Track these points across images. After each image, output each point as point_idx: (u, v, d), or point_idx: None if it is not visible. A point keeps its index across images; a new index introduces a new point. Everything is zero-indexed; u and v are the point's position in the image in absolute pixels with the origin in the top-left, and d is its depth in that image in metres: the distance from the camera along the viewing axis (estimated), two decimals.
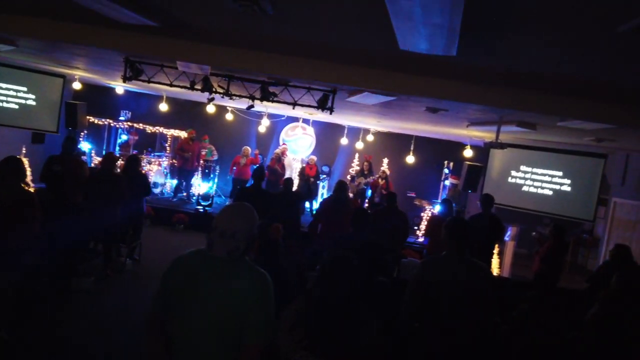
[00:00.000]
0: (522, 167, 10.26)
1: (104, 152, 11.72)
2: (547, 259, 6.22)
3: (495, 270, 8.42)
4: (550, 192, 9.87)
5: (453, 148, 11.79)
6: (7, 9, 5.21)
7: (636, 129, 5.53)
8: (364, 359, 2.07)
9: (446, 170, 11.86)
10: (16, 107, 9.36)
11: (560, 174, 9.76)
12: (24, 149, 9.87)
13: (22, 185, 4.16)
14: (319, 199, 11.35)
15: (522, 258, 10.00)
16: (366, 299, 2.74)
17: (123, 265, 6.75)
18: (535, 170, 10.09)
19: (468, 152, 10.17)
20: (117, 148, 11.86)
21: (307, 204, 11.35)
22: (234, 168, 11.11)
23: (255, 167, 6.23)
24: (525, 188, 10.20)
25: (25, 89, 9.41)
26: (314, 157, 11.67)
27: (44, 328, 4.65)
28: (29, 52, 7.37)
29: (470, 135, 9.73)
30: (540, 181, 10.02)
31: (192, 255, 2.18)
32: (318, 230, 6.05)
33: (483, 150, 10.50)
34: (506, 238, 8.91)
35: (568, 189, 9.66)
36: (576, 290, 5.83)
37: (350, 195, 10.97)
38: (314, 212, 8.31)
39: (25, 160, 9.68)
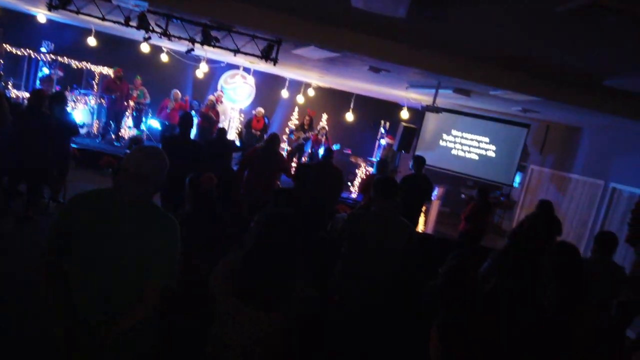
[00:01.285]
0: (454, 132, 10.76)
1: (22, 86, 10.78)
2: (472, 218, 6.67)
3: (420, 227, 8.91)
4: (477, 157, 10.48)
5: (391, 109, 12.05)
6: None
7: (560, 103, 5.94)
8: (295, 310, 2.15)
9: (382, 130, 12.13)
10: None
11: (487, 140, 10.36)
12: None
13: None
14: None
15: (446, 216, 10.64)
16: (301, 253, 2.84)
17: (46, 207, 6.41)
18: (465, 135, 10.62)
19: (405, 114, 10.46)
20: (38, 82, 10.91)
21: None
22: (162, 112, 10.67)
23: (182, 112, 5.96)
24: (454, 151, 10.75)
25: None
26: (262, 110, 11.39)
27: None
28: None
29: (408, 97, 9.97)
30: (469, 146, 10.59)
31: (95, 195, 2.12)
32: (244, 178, 6.00)
33: (419, 113, 10.84)
34: (432, 197, 9.40)
35: (493, 154, 10.29)
36: (496, 249, 6.34)
37: (288, 149, 10.98)
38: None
39: None
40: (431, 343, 1.38)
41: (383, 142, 11.64)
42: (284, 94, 12.15)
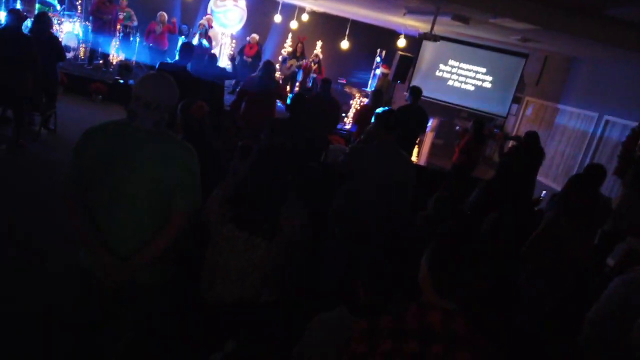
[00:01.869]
0: (450, 62, 10.52)
1: (2, 5, 10.22)
2: (466, 150, 6.71)
3: (414, 158, 8.98)
4: (472, 88, 10.35)
5: (387, 36, 11.68)
6: None
7: (559, 32, 5.78)
8: (290, 241, 2.21)
9: (378, 59, 11.84)
10: None
11: (484, 70, 10.18)
12: None
13: None
14: None
15: (439, 148, 10.68)
16: (296, 184, 2.86)
17: (37, 134, 6.34)
18: (462, 65, 10.41)
19: (401, 42, 10.15)
20: (19, 2, 10.35)
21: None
22: (150, 36, 10.28)
23: (184, 41, 5.73)
24: (450, 82, 10.58)
25: None
26: (256, 36, 10.98)
27: None
28: None
29: (405, 24, 9.64)
30: (465, 76, 10.41)
31: (110, 126, 2.10)
32: (241, 109, 5.94)
33: (416, 42, 10.51)
34: (427, 129, 9.39)
35: (489, 85, 10.16)
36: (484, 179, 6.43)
37: (281, 77, 10.74)
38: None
39: None
40: (420, 273, 1.44)
41: (378, 71, 11.40)
42: (277, 18, 11.68)
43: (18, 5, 9.87)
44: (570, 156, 8.20)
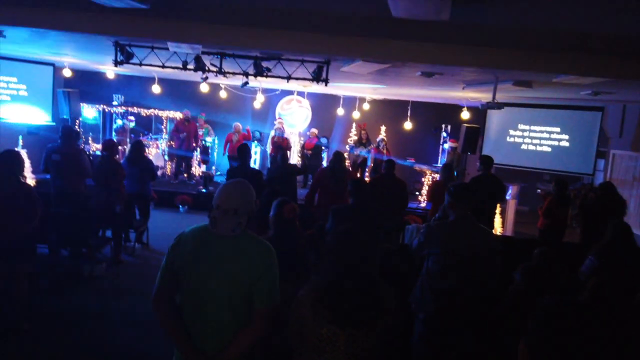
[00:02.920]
0: (520, 126, 10.27)
1: (100, 139, 11.68)
2: (550, 214, 6.31)
3: (498, 229, 8.53)
4: (549, 149, 9.92)
5: (450, 111, 11.75)
6: None
7: (632, 80, 5.51)
8: (387, 327, 2.12)
9: (444, 134, 11.85)
10: (8, 98, 9.28)
11: (558, 129, 9.79)
12: (20, 140, 9.82)
13: (20, 178, 4.15)
14: None
15: (525, 215, 10.11)
16: (378, 268, 2.79)
17: (133, 249, 6.84)
18: (533, 127, 10.11)
19: (465, 114, 10.15)
20: (114, 133, 11.80)
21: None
22: (228, 145, 11.12)
23: (240, 145, 6.24)
24: (524, 146, 10.24)
25: (15, 79, 9.31)
26: (315, 130, 11.59)
27: (59, 316, 4.76)
28: (16, 41, 7.26)
29: (466, 97, 9.69)
30: (539, 138, 10.05)
31: (196, 231, 2.27)
32: (315, 201, 6.12)
33: (480, 112, 10.47)
34: (507, 197, 9.00)
35: (566, 144, 9.69)
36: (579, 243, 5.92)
37: (350, 165, 11.02)
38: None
39: (23, 152, 9.66)
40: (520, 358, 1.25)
41: (447, 146, 11.35)
42: (340, 111, 12.25)
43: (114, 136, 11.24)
44: None
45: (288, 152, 10.15)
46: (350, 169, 10.72)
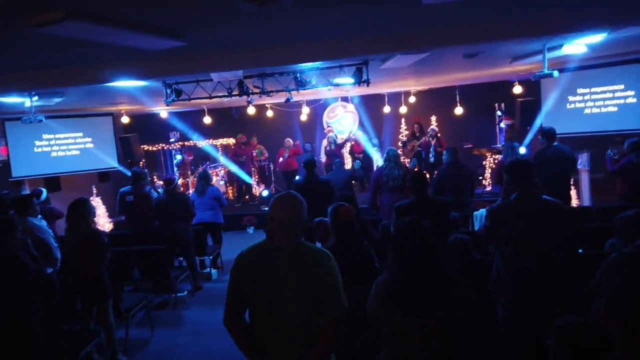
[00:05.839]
0: (580, 90, 9.68)
1: (163, 176, 12.29)
2: (627, 175, 5.91)
3: (574, 201, 8.07)
4: (615, 108, 9.28)
5: (501, 88, 11.31)
6: (51, 63, 5.55)
7: None
8: (461, 318, 2.09)
9: (499, 113, 11.44)
10: (77, 152, 10.01)
11: (622, 86, 9.14)
12: (94, 188, 10.54)
13: (90, 224, 4.46)
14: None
15: (602, 183, 9.48)
16: (447, 258, 2.73)
17: (209, 275, 7.12)
18: (593, 89, 9.50)
19: (518, 89, 9.74)
20: (175, 169, 12.38)
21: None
22: (280, 161, 11.33)
23: (305, 157, 6.34)
24: (587, 110, 9.64)
25: (81, 134, 10.03)
26: (359, 133, 11.60)
27: (150, 347, 5.02)
28: (75, 99, 7.83)
29: (515, 71, 9.30)
30: (602, 99, 9.43)
31: (256, 248, 2.33)
32: (378, 202, 6.13)
33: (533, 83, 10.00)
34: (579, 166, 8.50)
35: (634, 100, 9.03)
36: None
37: (407, 160, 10.87)
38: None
39: (98, 200, 10.35)
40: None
41: (502, 124, 10.93)
42: (386, 109, 12.14)
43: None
44: None
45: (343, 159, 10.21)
46: (408, 164, 10.59)
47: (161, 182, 10.70)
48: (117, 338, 4.64)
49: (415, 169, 10.68)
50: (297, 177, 10.79)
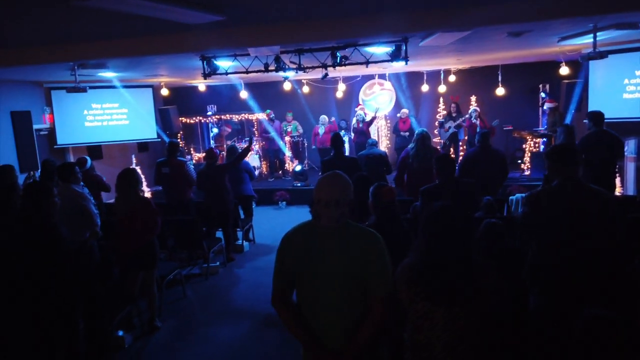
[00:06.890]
0: (638, 72, 9.13)
1: (200, 149, 12.53)
2: None
3: (617, 189, 7.74)
4: None
5: (546, 69, 10.84)
6: (94, 35, 5.68)
7: None
8: (487, 305, 2.07)
9: (542, 95, 11.00)
10: (119, 122, 10.31)
11: None
12: (134, 158, 10.86)
13: (138, 192, 4.61)
14: None
15: None
16: (474, 244, 2.69)
17: (242, 247, 7.28)
18: None
19: (564, 70, 9.31)
20: (212, 141, 12.57)
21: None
22: (316, 138, 11.32)
23: (332, 135, 6.32)
24: (638, 94, 9.14)
25: (122, 105, 10.30)
26: (406, 110, 11.32)
27: (186, 309, 5.23)
28: (117, 70, 8.01)
29: (562, 51, 8.87)
30: None
31: (301, 228, 2.31)
32: (404, 181, 6.09)
33: (581, 65, 9.54)
34: (625, 153, 8.12)
35: None
36: None
37: (442, 141, 10.66)
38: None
39: (137, 168, 10.67)
40: None
41: (546, 107, 10.52)
42: (424, 88, 11.87)
43: (212, 144, 11.99)
44: None
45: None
46: (441, 146, 10.38)
47: (202, 154, 10.94)
48: (157, 305, 4.84)
49: (451, 150, 10.48)
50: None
